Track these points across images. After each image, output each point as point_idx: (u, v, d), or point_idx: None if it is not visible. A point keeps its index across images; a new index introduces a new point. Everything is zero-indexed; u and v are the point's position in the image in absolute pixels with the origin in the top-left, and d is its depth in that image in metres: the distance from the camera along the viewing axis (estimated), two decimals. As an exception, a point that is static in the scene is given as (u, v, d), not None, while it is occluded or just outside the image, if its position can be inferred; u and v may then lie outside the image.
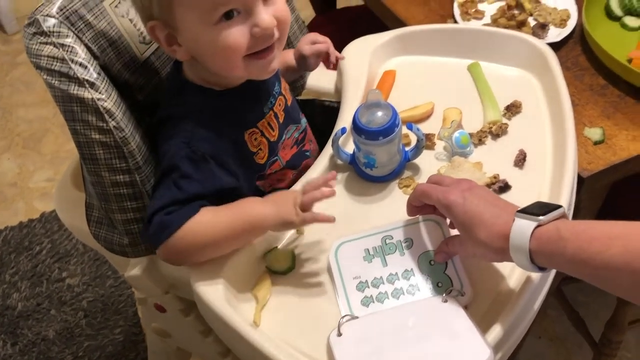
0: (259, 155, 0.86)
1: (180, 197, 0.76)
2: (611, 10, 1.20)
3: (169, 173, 0.77)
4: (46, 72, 0.77)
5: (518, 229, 0.65)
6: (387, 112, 0.84)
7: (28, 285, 1.74)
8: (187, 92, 0.82)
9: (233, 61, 0.76)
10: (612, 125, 1.02)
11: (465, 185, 0.73)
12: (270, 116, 0.87)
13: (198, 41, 0.75)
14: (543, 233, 0.64)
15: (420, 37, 1.08)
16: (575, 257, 0.61)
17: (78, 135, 0.78)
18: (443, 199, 0.72)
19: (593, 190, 1.00)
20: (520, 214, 0.66)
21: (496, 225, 0.67)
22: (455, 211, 0.71)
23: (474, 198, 0.70)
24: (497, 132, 0.93)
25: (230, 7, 0.72)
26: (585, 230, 0.61)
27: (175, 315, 0.98)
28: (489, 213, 0.69)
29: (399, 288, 0.76)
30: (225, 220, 0.76)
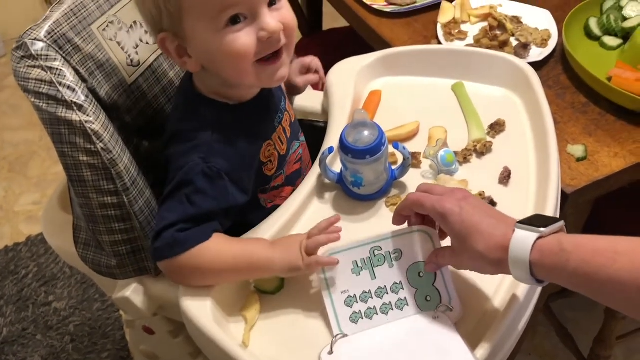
0: (268, 166, 0.87)
1: (193, 212, 0.76)
2: (590, 30, 1.23)
3: (182, 188, 0.77)
4: (34, 95, 0.77)
5: (518, 241, 0.63)
6: (373, 131, 0.85)
7: (14, 310, 1.72)
8: (201, 106, 0.82)
9: (243, 67, 0.76)
10: (594, 142, 1.04)
11: (460, 194, 0.72)
12: (280, 130, 0.89)
13: (208, 49, 0.76)
14: (544, 245, 0.62)
15: (405, 58, 1.09)
16: (578, 271, 0.59)
17: (66, 157, 0.79)
18: (439, 207, 0.70)
19: (577, 205, 1.02)
20: (521, 225, 0.65)
21: (494, 236, 0.66)
22: (451, 220, 0.69)
23: (470, 208, 0.69)
24: (481, 150, 0.94)
25: (236, 11, 0.73)
26: (589, 244, 0.60)
27: (164, 337, 0.97)
28: (486, 223, 0.67)
29: (388, 303, 0.76)
30: (232, 255, 0.77)
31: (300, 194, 0.90)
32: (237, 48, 0.74)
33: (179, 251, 0.75)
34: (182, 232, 0.76)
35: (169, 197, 0.78)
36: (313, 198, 0.91)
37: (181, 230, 0.76)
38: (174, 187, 0.78)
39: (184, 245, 0.75)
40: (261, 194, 0.89)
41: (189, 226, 0.76)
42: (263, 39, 0.75)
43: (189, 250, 0.75)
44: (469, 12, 1.30)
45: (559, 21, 1.25)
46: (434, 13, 1.32)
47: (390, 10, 1.33)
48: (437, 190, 0.75)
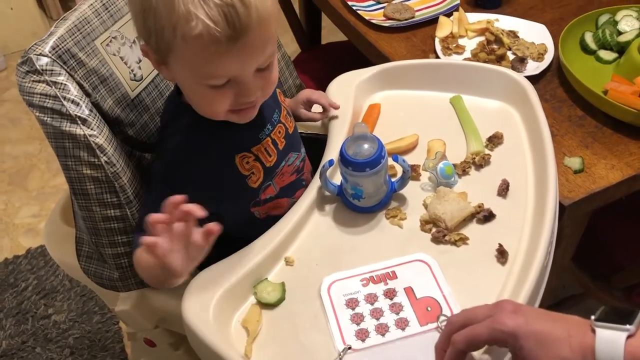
0: (252, 179, 0.87)
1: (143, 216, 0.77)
2: (586, 44, 1.25)
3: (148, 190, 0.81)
4: (39, 110, 0.78)
5: (605, 342, 0.57)
6: (373, 144, 0.86)
7: (13, 322, 1.72)
8: (184, 114, 0.83)
9: (215, 113, 0.79)
10: (591, 154, 1.05)
11: (509, 306, 0.64)
12: (267, 142, 0.89)
13: (185, 87, 0.78)
14: (638, 347, 0.56)
15: (403, 72, 1.11)
16: None
17: (69, 170, 0.80)
18: (502, 327, 0.62)
19: (574, 217, 1.03)
20: (601, 323, 0.58)
21: (574, 339, 0.59)
22: (522, 335, 0.61)
23: (530, 316, 0.62)
24: (480, 163, 0.96)
25: (222, 82, 0.74)
26: None
27: (165, 350, 0.98)
28: (559, 327, 0.60)
29: (390, 317, 0.77)
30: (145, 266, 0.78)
31: (301, 206, 0.91)
32: (212, 104, 0.77)
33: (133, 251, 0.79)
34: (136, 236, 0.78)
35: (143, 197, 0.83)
36: (313, 210, 0.92)
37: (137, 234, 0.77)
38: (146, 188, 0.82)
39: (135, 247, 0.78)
40: (254, 207, 0.90)
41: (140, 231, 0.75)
42: (240, 101, 0.77)
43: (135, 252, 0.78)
44: (466, 27, 1.32)
45: (554, 35, 1.27)
46: (431, 28, 1.34)
47: (388, 25, 1.34)
48: (478, 315, 0.65)
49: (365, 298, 0.79)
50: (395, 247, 0.86)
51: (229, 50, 0.70)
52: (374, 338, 0.75)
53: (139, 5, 0.72)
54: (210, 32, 0.68)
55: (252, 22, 0.70)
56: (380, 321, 0.76)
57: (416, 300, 0.78)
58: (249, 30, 0.70)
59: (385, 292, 0.80)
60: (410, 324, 0.76)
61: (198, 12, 0.67)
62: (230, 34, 0.69)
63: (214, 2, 0.67)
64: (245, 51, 0.72)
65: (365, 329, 0.76)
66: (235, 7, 0.68)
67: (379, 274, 0.82)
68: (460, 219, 0.87)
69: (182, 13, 0.68)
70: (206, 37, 0.68)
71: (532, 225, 0.86)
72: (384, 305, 0.78)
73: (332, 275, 0.82)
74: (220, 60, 0.71)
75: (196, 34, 0.68)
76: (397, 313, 0.77)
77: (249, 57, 0.73)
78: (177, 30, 0.69)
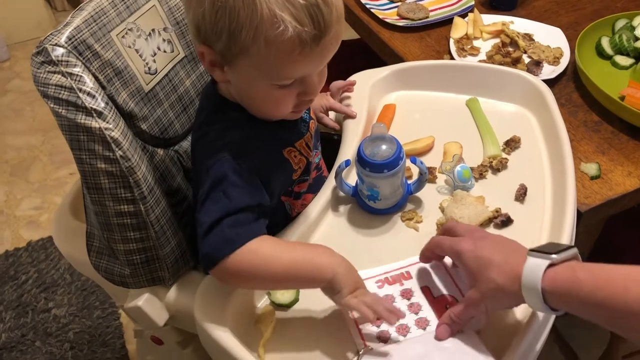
0: (297, 172, 0.87)
1: (233, 206, 0.73)
2: (602, 49, 1.24)
3: (216, 186, 0.75)
4: (53, 101, 0.76)
5: (530, 268, 0.64)
6: (391, 145, 0.85)
7: (13, 315, 1.70)
8: (228, 108, 0.82)
9: (275, 114, 0.80)
10: (607, 160, 1.04)
11: (478, 233, 0.73)
12: (308, 137, 0.89)
13: (250, 90, 0.77)
14: (557, 273, 0.63)
15: (419, 73, 1.10)
16: (590, 298, 0.59)
17: (83, 164, 0.78)
18: (455, 246, 0.72)
19: (590, 224, 1.02)
20: (533, 252, 0.66)
21: (508, 265, 0.66)
22: (466, 257, 0.70)
23: (485, 243, 0.70)
24: (497, 167, 0.94)
25: (294, 79, 0.74)
26: (602, 272, 0.60)
27: (173, 348, 0.96)
28: (500, 255, 0.68)
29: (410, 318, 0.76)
30: (291, 258, 0.73)
31: (316, 206, 0.89)
32: (279, 104, 0.77)
33: (232, 249, 0.71)
34: (231, 229, 0.73)
35: (205, 200, 0.75)
36: (328, 211, 0.91)
37: (228, 227, 0.73)
38: (208, 188, 0.75)
39: (235, 242, 0.72)
40: (285, 196, 0.89)
41: (234, 224, 0.73)
42: (304, 100, 0.78)
43: (242, 247, 0.72)
44: (481, 29, 1.31)
45: (570, 39, 1.26)
46: (446, 28, 1.33)
47: (402, 25, 1.33)
48: (459, 230, 0.76)
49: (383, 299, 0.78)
50: (411, 250, 0.85)
51: (312, 51, 0.70)
52: (396, 339, 0.74)
53: (209, 5, 0.69)
54: (298, 35, 0.67)
55: (333, 20, 0.69)
56: (400, 322, 0.75)
57: (434, 299, 0.77)
58: (331, 29, 0.70)
59: (402, 292, 0.78)
60: (431, 323, 0.75)
61: (284, 15, 0.66)
62: (315, 35, 0.68)
63: (299, 2, 0.66)
64: (324, 50, 0.71)
65: (387, 330, 0.75)
66: (319, 7, 0.67)
67: (394, 275, 0.81)
68: (478, 224, 0.85)
69: (266, 15, 0.66)
70: (293, 40, 0.68)
71: (550, 231, 0.85)
72: (402, 306, 0.77)
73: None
74: (302, 61, 0.71)
75: (283, 38, 0.67)
76: (417, 313, 0.76)
77: (326, 56, 0.73)
78: (260, 33, 0.68)
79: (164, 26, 0.92)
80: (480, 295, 0.70)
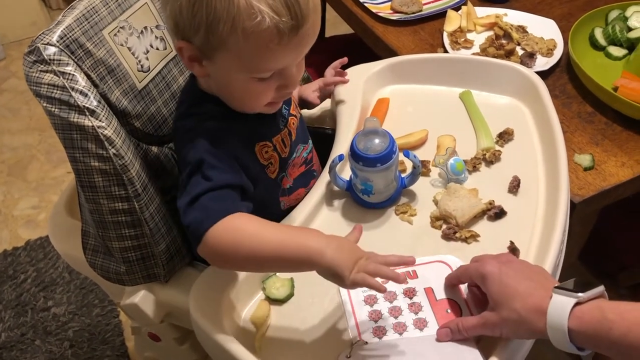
0: (270, 169, 0.87)
1: (214, 185, 0.73)
2: (596, 40, 1.24)
3: (196, 170, 0.74)
4: (46, 100, 0.76)
5: (556, 306, 0.63)
6: (384, 139, 0.85)
7: (12, 314, 1.70)
8: (206, 101, 0.82)
9: (255, 106, 0.80)
10: (601, 151, 1.04)
11: (504, 258, 0.72)
12: (285, 133, 0.89)
13: (229, 82, 0.77)
14: (584, 312, 0.61)
15: (412, 66, 1.10)
16: (623, 341, 0.58)
17: (77, 162, 0.78)
18: (480, 268, 0.71)
19: (584, 215, 1.02)
20: (558, 289, 0.64)
21: (533, 298, 0.65)
22: (490, 281, 0.69)
23: (510, 270, 0.69)
24: (490, 159, 0.95)
25: (273, 71, 0.74)
26: (632, 311, 0.59)
27: (170, 344, 0.97)
28: (525, 286, 0.67)
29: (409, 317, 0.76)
30: (278, 237, 0.70)
31: (310, 201, 0.90)
32: (257, 97, 0.77)
33: (214, 221, 0.69)
34: (211, 203, 0.71)
35: (186, 185, 0.74)
36: (322, 205, 0.91)
37: (209, 200, 0.71)
38: (188, 173, 0.75)
39: (217, 214, 0.70)
40: (282, 196, 0.90)
41: (215, 199, 0.72)
42: (283, 92, 0.78)
43: (224, 220, 0.69)
44: (475, 21, 1.31)
45: (564, 31, 1.26)
46: (439, 21, 1.33)
47: (396, 18, 1.33)
48: (484, 256, 0.75)
49: (384, 296, 0.78)
50: (405, 244, 0.85)
51: (290, 42, 0.70)
52: (392, 336, 0.74)
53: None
54: (276, 25, 0.67)
55: (310, 10, 0.70)
56: (399, 320, 0.75)
57: (436, 302, 0.77)
58: (308, 19, 0.70)
59: (405, 291, 0.79)
60: (429, 324, 0.75)
61: (261, 5, 0.67)
62: (292, 25, 0.68)
63: None
64: (302, 41, 0.72)
65: (383, 326, 0.75)
66: None
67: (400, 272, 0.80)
68: (471, 216, 0.86)
69: (242, 6, 0.67)
70: (271, 31, 0.68)
71: (543, 223, 0.85)
72: (403, 304, 0.77)
73: None
74: (280, 52, 0.71)
75: (261, 29, 0.67)
76: (416, 313, 0.76)
77: (304, 46, 0.74)
78: (237, 24, 0.68)
79: (157, 24, 0.92)
80: (500, 321, 0.68)
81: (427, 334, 0.74)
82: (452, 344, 0.72)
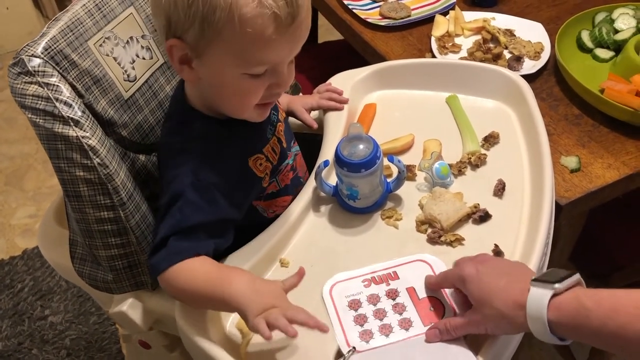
0: (265, 180, 0.88)
1: (184, 225, 0.76)
2: (583, 42, 1.25)
3: (175, 202, 0.78)
4: (31, 111, 0.77)
5: (534, 299, 0.63)
6: (368, 144, 0.86)
7: (9, 324, 1.71)
8: (192, 119, 0.83)
9: (245, 107, 0.80)
10: (587, 153, 1.05)
11: (480, 257, 0.73)
12: (274, 141, 0.89)
13: (220, 81, 0.77)
14: (562, 303, 0.62)
15: (399, 71, 1.10)
16: (602, 329, 0.58)
17: (62, 172, 0.79)
18: (460, 272, 0.72)
19: (571, 217, 1.02)
20: (536, 282, 0.65)
21: (511, 294, 0.66)
22: (470, 283, 0.70)
23: (487, 269, 0.70)
24: (476, 163, 0.95)
25: (267, 67, 0.75)
26: (609, 299, 0.60)
27: (160, 352, 0.97)
28: (503, 283, 0.68)
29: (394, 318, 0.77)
30: (206, 281, 0.74)
31: (296, 207, 0.90)
32: (247, 95, 0.77)
33: (166, 265, 0.75)
34: (173, 246, 0.76)
35: (165, 213, 0.78)
36: (309, 211, 0.92)
37: (173, 243, 0.76)
38: (167, 201, 0.78)
39: (171, 259, 0.75)
40: (256, 201, 0.90)
41: (180, 240, 0.76)
42: (274, 91, 0.78)
43: (174, 265, 0.75)
44: (463, 26, 1.32)
45: (551, 34, 1.26)
46: (427, 26, 1.33)
47: (384, 24, 1.34)
48: (462, 259, 0.76)
49: (367, 299, 0.79)
50: (391, 248, 0.86)
51: (286, 31, 0.71)
52: (378, 339, 0.75)
53: None
54: (272, 10, 0.68)
55: (305, 1, 0.71)
56: (384, 322, 0.76)
57: (419, 301, 0.78)
58: (303, 9, 0.71)
59: (387, 292, 0.79)
60: (414, 324, 0.76)
61: None
62: (288, 12, 0.69)
63: None
64: (296, 33, 0.73)
65: (369, 329, 0.75)
66: None
67: (381, 275, 0.82)
68: (456, 220, 0.86)
69: None
70: (268, 17, 0.68)
71: (528, 225, 0.86)
72: (387, 306, 0.78)
73: (333, 277, 0.82)
74: (276, 43, 0.71)
75: (257, 14, 0.68)
76: (401, 313, 0.77)
77: (298, 39, 0.74)
78: (234, 11, 0.68)
79: (142, 33, 0.93)
80: (484, 320, 0.69)
81: (413, 333, 0.75)
82: (443, 345, 0.72)
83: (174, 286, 0.75)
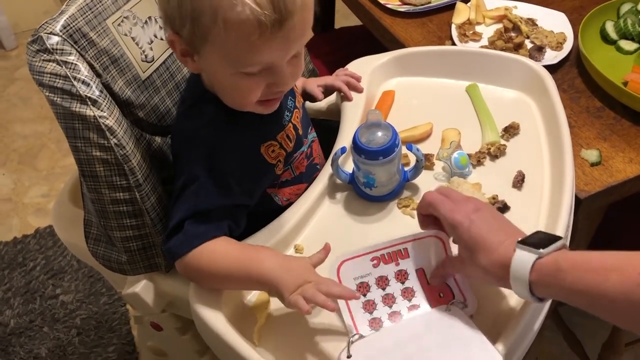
0: (279, 167, 0.87)
1: (199, 209, 0.77)
2: (607, 34, 1.22)
3: (188, 185, 0.78)
4: (48, 89, 0.77)
5: (518, 261, 0.65)
6: (387, 132, 0.85)
7: (21, 301, 1.72)
8: (204, 103, 0.82)
9: (246, 103, 0.78)
10: (608, 147, 1.03)
11: (473, 205, 0.73)
12: (289, 128, 0.88)
13: (216, 77, 0.77)
14: (543, 265, 0.64)
15: (419, 59, 1.09)
16: (573, 288, 0.61)
17: (79, 152, 0.78)
18: (449, 217, 0.72)
19: (590, 211, 1.01)
20: (522, 245, 0.66)
21: (497, 253, 0.68)
22: (460, 232, 0.71)
23: (479, 221, 0.70)
24: (495, 153, 0.94)
25: (259, 68, 0.73)
26: (583, 261, 0.62)
27: (172, 334, 0.97)
28: (491, 239, 0.69)
29: (403, 304, 0.76)
30: (233, 261, 0.75)
31: (312, 193, 0.89)
32: (245, 93, 0.76)
33: (185, 250, 0.76)
34: (191, 230, 0.76)
35: (178, 196, 0.78)
36: (324, 198, 0.91)
37: (190, 227, 0.76)
38: (181, 185, 0.78)
39: (190, 244, 0.75)
40: (270, 188, 0.89)
41: (197, 224, 0.76)
42: (273, 90, 0.77)
43: (195, 249, 0.75)
44: (484, 14, 1.29)
45: (574, 24, 1.24)
46: (448, 14, 1.31)
47: (404, 10, 1.32)
48: (453, 196, 0.75)
49: (376, 281, 0.77)
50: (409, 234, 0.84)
51: (273, 36, 0.68)
52: (388, 327, 0.74)
53: None
54: (257, 17, 0.66)
55: (297, 6, 0.68)
56: (393, 309, 0.75)
57: (428, 286, 0.77)
58: (294, 15, 0.68)
59: (396, 274, 0.77)
60: (422, 309, 0.75)
61: None
62: (275, 19, 0.67)
63: None
64: (287, 37, 0.70)
65: (379, 317, 0.75)
66: None
67: (390, 252, 0.79)
68: (474, 211, 0.85)
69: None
70: (252, 23, 0.67)
71: (547, 218, 0.85)
72: (396, 291, 0.77)
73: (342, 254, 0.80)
74: (263, 46, 0.69)
75: (241, 19, 0.66)
76: (410, 300, 0.76)
77: (291, 43, 0.72)
78: (218, 15, 0.67)
79: (161, 14, 0.91)
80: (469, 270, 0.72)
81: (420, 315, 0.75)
82: (449, 324, 0.72)
83: (196, 269, 0.76)
